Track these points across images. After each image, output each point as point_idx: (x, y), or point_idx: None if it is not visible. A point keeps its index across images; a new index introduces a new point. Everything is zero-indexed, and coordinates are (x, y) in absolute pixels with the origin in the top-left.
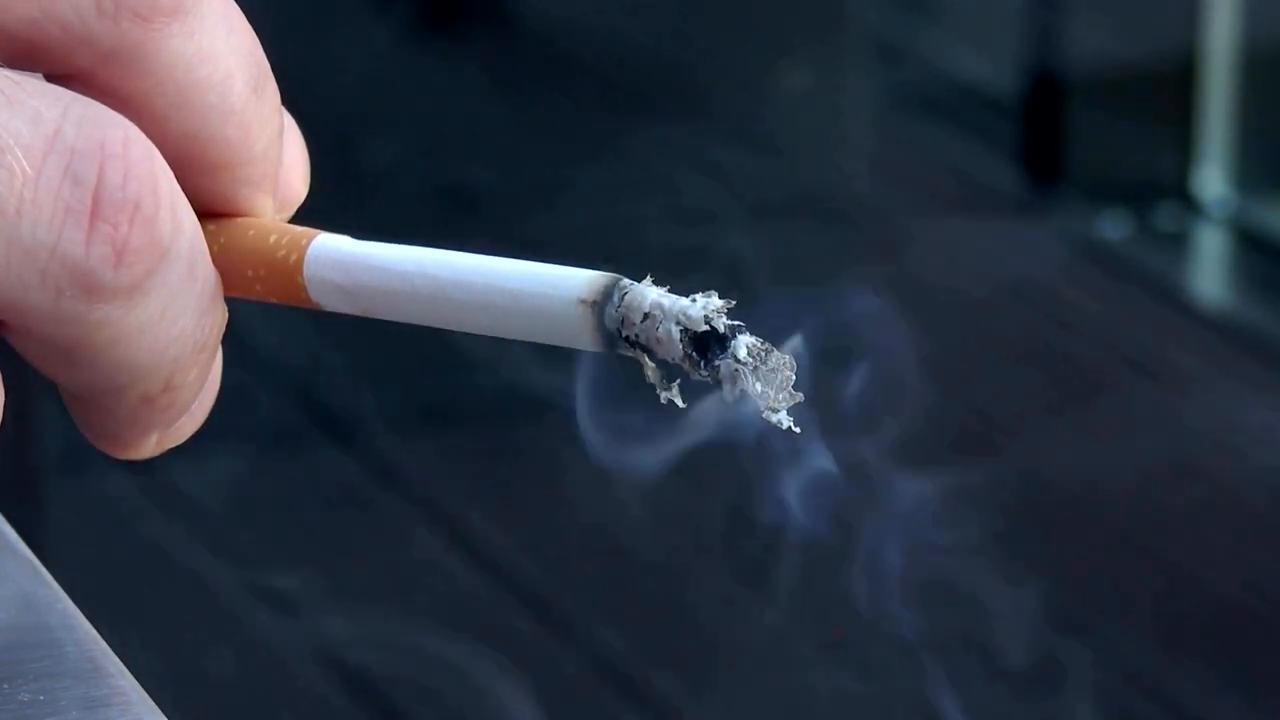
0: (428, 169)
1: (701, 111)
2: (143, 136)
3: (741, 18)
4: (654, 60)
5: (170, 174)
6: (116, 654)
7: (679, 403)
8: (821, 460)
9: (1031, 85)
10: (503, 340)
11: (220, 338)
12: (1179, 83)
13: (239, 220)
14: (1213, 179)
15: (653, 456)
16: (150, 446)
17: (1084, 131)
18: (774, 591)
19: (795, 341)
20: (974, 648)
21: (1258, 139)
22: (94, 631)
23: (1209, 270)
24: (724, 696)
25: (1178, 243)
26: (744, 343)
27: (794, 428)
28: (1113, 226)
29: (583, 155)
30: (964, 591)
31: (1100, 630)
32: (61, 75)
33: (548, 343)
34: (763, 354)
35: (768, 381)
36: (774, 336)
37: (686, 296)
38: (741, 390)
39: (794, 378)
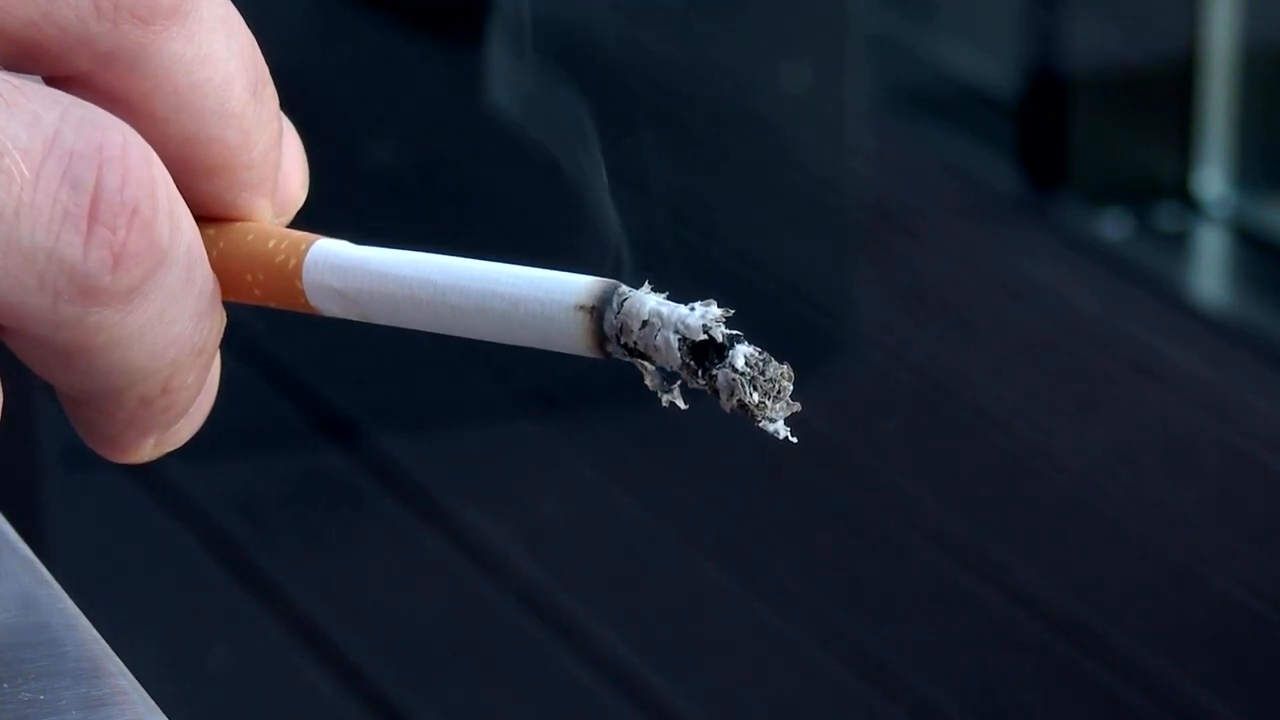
0: (428, 172)
1: (703, 111)
2: (141, 140)
3: (742, 18)
4: (656, 61)
5: (169, 178)
6: (116, 654)
7: (681, 405)
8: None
9: (1031, 85)
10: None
11: (218, 341)
12: (1179, 83)
13: (237, 224)
14: (1213, 179)
15: None
16: (148, 450)
17: (1084, 131)
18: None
19: None
20: (974, 647)
21: (1258, 139)
22: (94, 631)
23: (1209, 270)
24: (724, 696)
25: (1178, 243)
26: (742, 352)
27: (790, 438)
28: (1113, 226)
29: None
30: (968, 590)
31: (1100, 630)
32: (60, 78)
33: (545, 348)
34: (761, 364)
35: (765, 392)
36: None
37: (685, 304)
38: (739, 400)
39: (791, 388)
